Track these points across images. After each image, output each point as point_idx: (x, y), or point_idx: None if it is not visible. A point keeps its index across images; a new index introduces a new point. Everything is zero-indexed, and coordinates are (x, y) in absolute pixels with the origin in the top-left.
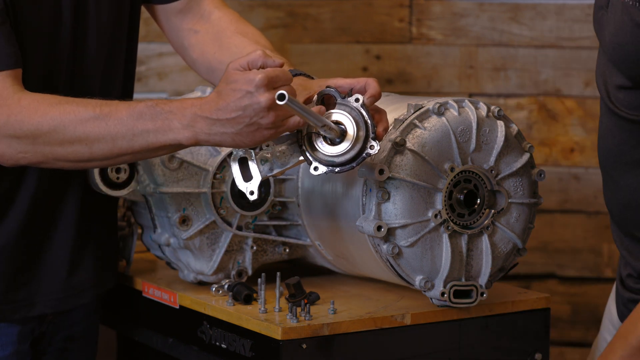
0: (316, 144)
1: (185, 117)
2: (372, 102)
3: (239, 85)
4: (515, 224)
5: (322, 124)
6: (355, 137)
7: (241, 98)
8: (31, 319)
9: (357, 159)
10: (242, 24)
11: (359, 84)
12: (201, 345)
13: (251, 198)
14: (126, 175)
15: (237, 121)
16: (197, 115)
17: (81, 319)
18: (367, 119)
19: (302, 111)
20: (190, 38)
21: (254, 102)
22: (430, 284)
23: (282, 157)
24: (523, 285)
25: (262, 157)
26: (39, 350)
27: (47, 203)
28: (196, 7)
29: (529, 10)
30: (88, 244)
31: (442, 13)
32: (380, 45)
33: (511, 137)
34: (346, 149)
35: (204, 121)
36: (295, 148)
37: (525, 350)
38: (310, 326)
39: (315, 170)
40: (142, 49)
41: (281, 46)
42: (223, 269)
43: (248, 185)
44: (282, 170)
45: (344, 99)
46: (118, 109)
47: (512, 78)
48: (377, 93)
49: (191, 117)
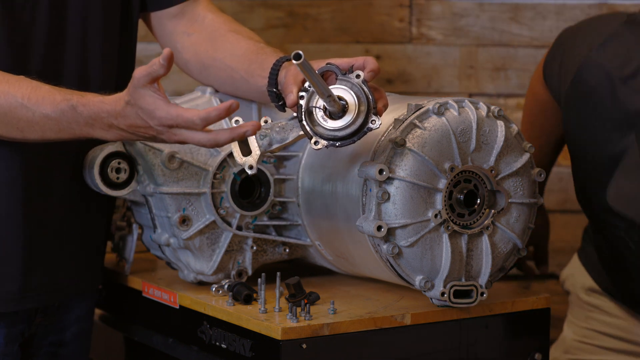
0: (317, 118)
1: (105, 125)
2: (372, 77)
3: (144, 116)
4: (515, 224)
5: (328, 94)
6: (357, 111)
7: (146, 128)
8: (19, 321)
9: (359, 133)
10: (235, 24)
11: (357, 61)
12: (201, 345)
13: (250, 172)
14: (126, 175)
15: (148, 131)
16: (112, 125)
17: (72, 323)
18: (368, 94)
19: (312, 75)
20: (183, 41)
21: (154, 127)
22: (430, 284)
23: (281, 132)
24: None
25: (261, 132)
26: (28, 353)
27: (38, 198)
28: (190, 12)
29: (529, 10)
30: (72, 242)
31: (442, 13)
32: (380, 45)
33: (511, 137)
34: (347, 123)
35: (118, 129)
36: (295, 123)
37: (525, 350)
38: (310, 326)
39: (316, 144)
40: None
41: (281, 46)
42: (223, 269)
43: (247, 159)
44: (281, 145)
45: (344, 75)
46: (44, 103)
47: (512, 78)
48: (376, 68)
49: (108, 126)
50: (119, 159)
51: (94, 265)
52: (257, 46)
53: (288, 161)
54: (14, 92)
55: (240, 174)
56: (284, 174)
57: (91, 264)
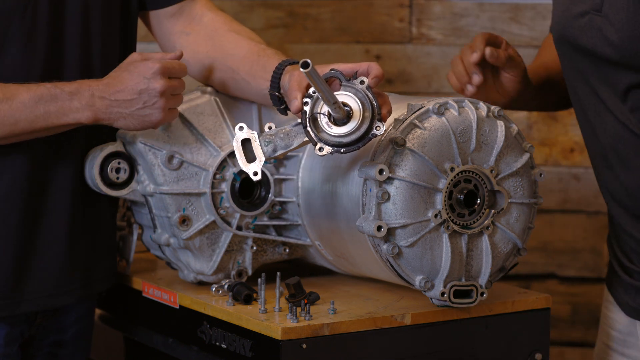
0: (321, 124)
1: (84, 98)
2: (376, 84)
3: (137, 70)
4: (515, 224)
5: (334, 100)
6: (361, 117)
7: (138, 83)
8: (19, 321)
9: (363, 139)
10: (234, 23)
11: (361, 67)
12: (201, 345)
13: (255, 178)
14: (126, 175)
15: (132, 103)
16: (95, 96)
17: (72, 323)
18: (372, 100)
19: (320, 84)
20: (181, 40)
21: (149, 88)
22: (430, 284)
23: (286, 139)
24: (523, 285)
25: (265, 138)
26: (28, 354)
27: (35, 200)
28: (188, 10)
29: (529, 10)
30: (78, 244)
31: (442, 13)
32: (380, 45)
33: (511, 137)
34: (352, 129)
35: (102, 101)
36: (300, 129)
37: (525, 350)
38: (310, 326)
39: (320, 150)
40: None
41: (281, 46)
42: (223, 269)
43: (251, 166)
44: (285, 151)
45: (348, 81)
46: (20, 91)
47: None
48: (380, 74)
49: (89, 97)
50: (119, 159)
51: (99, 268)
52: (259, 47)
53: (288, 161)
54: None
55: (240, 174)
56: (284, 174)
57: (96, 267)
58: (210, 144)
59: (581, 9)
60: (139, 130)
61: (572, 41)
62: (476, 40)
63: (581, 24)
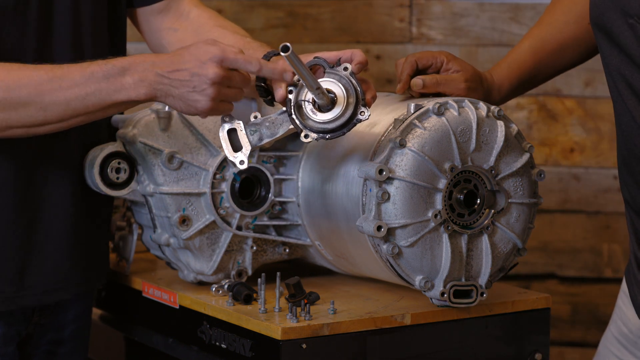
0: (306, 112)
1: (137, 72)
2: (360, 70)
3: (198, 52)
4: (515, 224)
5: (317, 86)
6: (345, 103)
7: (194, 65)
8: (15, 320)
9: (348, 125)
10: (220, 19)
11: (345, 54)
12: (201, 345)
13: (241, 167)
14: (126, 175)
15: (183, 84)
16: (148, 70)
17: (70, 322)
18: (356, 86)
19: (301, 68)
20: (169, 37)
21: (201, 73)
22: (430, 284)
23: (271, 127)
24: (523, 285)
25: (251, 127)
26: (26, 353)
27: (33, 196)
28: (175, 6)
29: (529, 10)
30: (76, 240)
31: (442, 13)
32: (380, 45)
33: (511, 137)
34: (337, 115)
35: (155, 76)
36: (285, 118)
37: (525, 350)
38: (310, 326)
39: (306, 137)
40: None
41: None
42: (223, 269)
43: (237, 155)
44: (271, 139)
45: (332, 68)
46: (70, 70)
47: None
48: (363, 60)
49: (143, 71)
50: (119, 159)
51: (95, 265)
52: (244, 40)
53: (288, 161)
54: (36, 71)
55: (240, 174)
56: (284, 174)
57: (92, 263)
58: (210, 144)
59: (629, 8)
60: (187, 114)
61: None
62: (401, 67)
63: (623, 25)
